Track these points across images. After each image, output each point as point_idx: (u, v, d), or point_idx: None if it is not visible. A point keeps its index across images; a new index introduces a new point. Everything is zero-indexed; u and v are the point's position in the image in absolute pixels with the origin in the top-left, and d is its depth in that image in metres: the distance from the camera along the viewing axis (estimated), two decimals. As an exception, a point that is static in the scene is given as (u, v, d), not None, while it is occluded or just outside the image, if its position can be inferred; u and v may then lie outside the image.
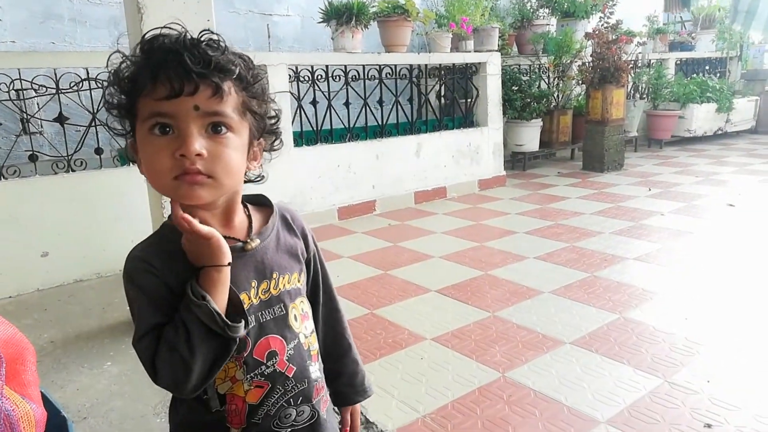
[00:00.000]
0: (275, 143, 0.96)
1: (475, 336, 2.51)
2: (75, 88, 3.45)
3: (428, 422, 1.91)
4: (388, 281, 3.23)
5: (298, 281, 0.98)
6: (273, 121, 0.94)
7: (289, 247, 0.98)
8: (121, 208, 3.46)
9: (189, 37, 0.82)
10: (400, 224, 4.50)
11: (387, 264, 3.52)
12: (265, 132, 0.92)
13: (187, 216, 0.81)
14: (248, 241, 0.91)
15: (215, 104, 0.81)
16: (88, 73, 3.49)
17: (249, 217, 0.95)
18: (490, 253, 3.64)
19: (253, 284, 0.90)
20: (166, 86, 0.79)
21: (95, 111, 3.50)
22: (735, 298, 2.81)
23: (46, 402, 1.43)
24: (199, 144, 0.79)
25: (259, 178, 0.97)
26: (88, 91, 3.49)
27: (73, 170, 3.45)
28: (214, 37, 0.84)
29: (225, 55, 0.83)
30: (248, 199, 0.98)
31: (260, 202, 1.00)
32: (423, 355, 2.37)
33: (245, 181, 0.93)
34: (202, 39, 0.83)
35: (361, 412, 1.88)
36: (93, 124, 3.52)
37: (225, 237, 0.86)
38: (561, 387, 2.08)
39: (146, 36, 0.83)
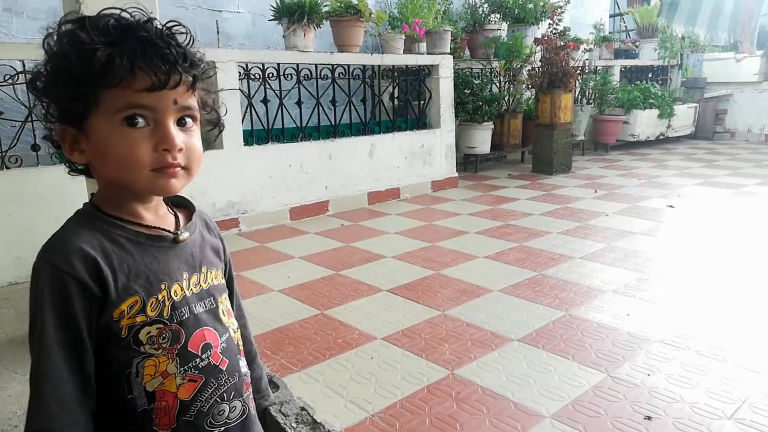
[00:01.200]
0: (218, 134, 0.96)
1: (426, 335, 2.51)
2: (10, 81, 3.28)
3: (377, 421, 1.89)
4: (339, 281, 3.21)
5: (222, 278, 0.99)
6: (221, 113, 0.95)
7: (212, 245, 0.99)
8: (60, 208, 3.26)
9: (158, 26, 0.80)
10: (352, 225, 4.48)
11: (339, 264, 3.50)
12: (210, 123, 0.93)
13: None
14: (179, 233, 0.91)
15: (188, 98, 0.83)
16: (24, 65, 3.33)
17: (174, 213, 0.96)
18: (442, 253, 3.67)
19: (185, 276, 0.89)
20: (149, 78, 0.77)
21: (32, 106, 3.33)
22: (675, 294, 2.92)
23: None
24: (179, 138, 0.82)
25: None
26: (24, 84, 3.32)
27: (7, 167, 3.27)
28: (182, 29, 0.82)
29: (193, 48, 0.82)
30: (169, 200, 0.97)
31: (179, 203, 0.99)
32: (373, 354, 2.36)
33: None
34: (173, 29, 0.81)
35: (308, 413, 1.85)
36: (29, 119, 3.36)
37: (157, 228, 0.89)
38: (508, 383, 2.11)
39: (103, 16, 0.78)
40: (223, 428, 0.91)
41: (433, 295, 2.96)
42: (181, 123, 0.83)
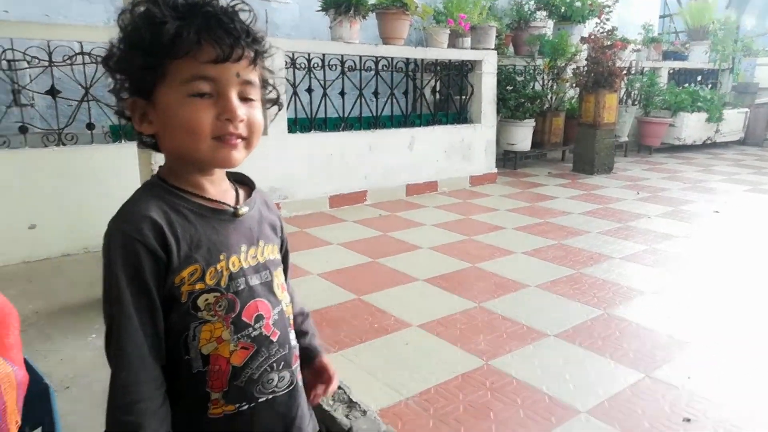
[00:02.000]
0: (276, 113, 0.99)
1: (461, 325, 2.53)
2: (68, 61, 3.42)
3: (411, 405, 1.92)
4: (376, 269, 3.24)
5: (278, 254, 1.02)
6: (279, 93, 0.99)
7: (270, 221, 1.02)
8: (111, 185, 3.43)
9: (223, 3, 0.84)
10: (390, 215, 4.51)
11: (376, 252, 3.53)
12: (270, 102, 0.97)
13: None
14: (238, 207, 0.94)
15: (250, 73, 0.86)
16: (82, 47, 3.45)
17: (235, 189, 0.99)
18: (479, 247, 3.67)
19: (243, 248, 0.93)
20: (214, 50, 0.81)
21: (88, 86, 3.47)
22: (717, 298, 2.86)
23: (29, 369, 1.43)
24: (240, 110, 0.84)
25: None
26: (82, 65, 3.46)
27: (63, 144, 3.41)
28: (245, 7, 0.86)
29: (255, 26, 0.86)
30: (230, 176, 1.01)
31: (241, 180, 1.03)
32: (408, 340, 2.38)
33: None
34: (236, 8, 0.85)
35: (345, 392, 1.90)
36: (86, 98, 3.49)
37: (218, 202, 0.92)
38: (543, 377, 2.10)
39: None
40: (270, 396, 0.94)
41: (469, 287, 2.97)
42: (242, 97, 0.86)
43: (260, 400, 0.93)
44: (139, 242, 0.82)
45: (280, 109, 1.01)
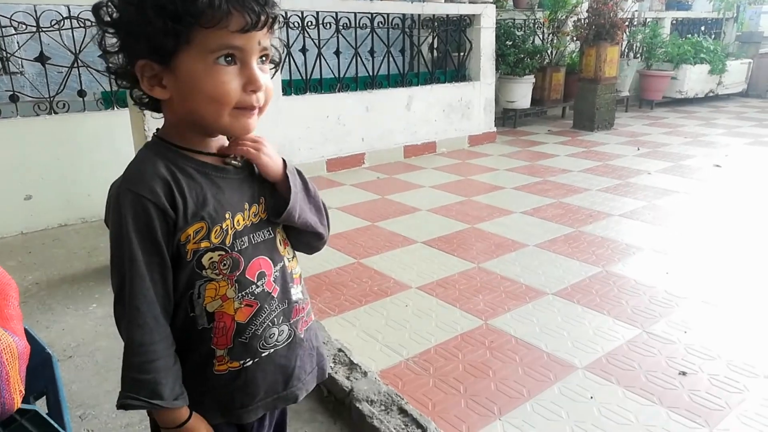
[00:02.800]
0: (273, 75, 0.96)
1: (460, 286, 2.54)
2: (56, 26, 3.34)
3: (411, 365, 1.95)
4: (375, 232, 3.24)
5: None
6: (281, 55, 0.97)
7: None
8: (105, 153, 3.40)
9: None
10: (388, 178, 4.49)
11: (375, 216, 3.52)
12: (272, 62, 0.94)
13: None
14: (236, 159, 0.93)
15: (267, 39, 0.85)
16: (69, 11, 3.36)
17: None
18: (477, 208, 3.65)
19: (245, 206, 0.92)
20: (243, 19, 0.80)
21: (78, 51, 3.40)
22: (716, 254, 2.86)
23: (31, 339, 1.44)
24: (262, 78, 0.85)
25: None
26: (70, 30, 3.38)
27: (55, 112, 3.37)
28: None
29: None
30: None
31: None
32: (408, 302, 2.40)
33: None
34: None
35: (345, 354, 1.92)
36: (75, 65, 3.42)
37: (220, 157, 0.92)
38: (541, 335, 2.12)
39: None
40: (272, 350, 0.96)
41: (468, 248, 2.97)
42: (261, 61, 0.87)
43: (263, 355, 0.94)
44: (150, 201, 0.82)
45: (276, 71, 0.99)
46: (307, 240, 1.04)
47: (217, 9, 0.78)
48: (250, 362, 0.93)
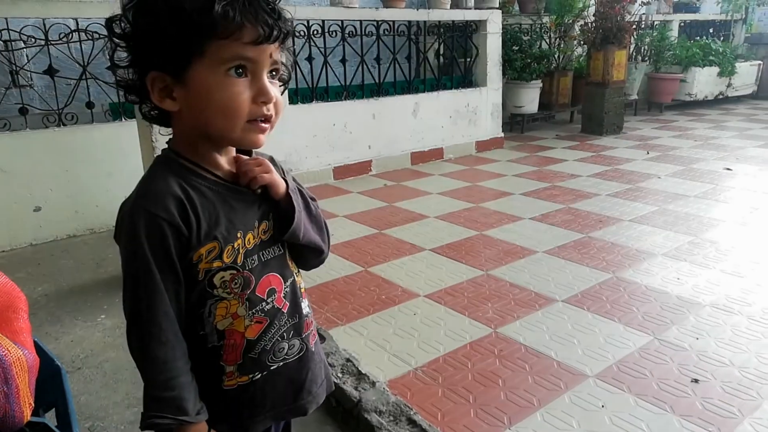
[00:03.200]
0: (283, 92, 0.96)
1: (468, 293, 2.52)
2: (64, 39, 3.37)
3: (420, 375, 1.93)
4: (382, 240, 3.23)
5: None
6: (290, 72, 0.98)
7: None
8: (113, 164, 3.42)
9: None
10: (396, 185, 4.48)
11: (382, 223, 3.52)
12: (281, 81, 0.94)
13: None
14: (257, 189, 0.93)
15: (278, 53, 0.86)
16: (77, 24, 3.40)
17: None
18: (486, 214, 3.64)
19: (255, 224, 0.92)
20: (256, 31, 0.80)
21: (86, 64, 3.43)
22: (728, 259, 2.82)
23: (41, 351, 1.44)
24: (273, 91, 0.85)
25: None
26: (78, 43, 3.41)
27: (64, 124, 3.39)
28: None
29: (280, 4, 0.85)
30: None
31: (244, 151, 0.99)
32: (416, 310, 2.38)
33: None
34: None
35: (353, 364, 1.91)
36: (84, 77, 3.45)
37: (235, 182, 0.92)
38: (551, 343, 2.10)
39: None
40: (281, 363, 0.96)
41: (477, 255, 2.95)
42: (272, 75, 0.87)
43: (272, 368, 0.94)
44: (164, 220, 0.82)
45: (286, 89, 0.98)
46: (307, 256, 1.02)
47: (231, 21, 0.78)
48: (259, 375, 0.93)
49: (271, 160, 1.01)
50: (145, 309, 0.84)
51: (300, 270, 1.03)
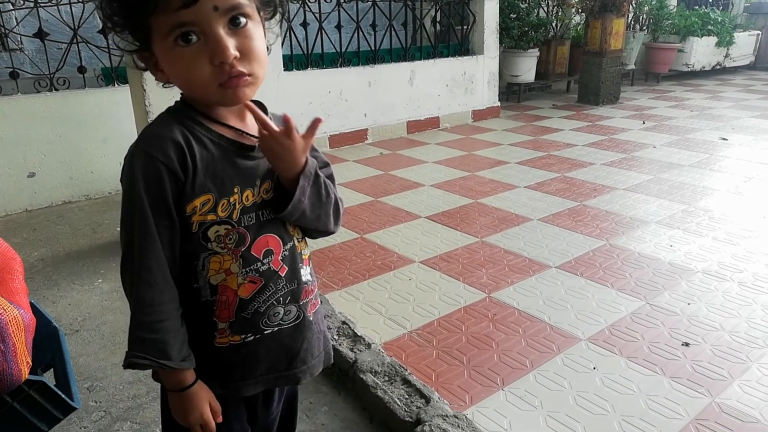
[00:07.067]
0: (275, 15, 0.92)
1: (463, 259, 2.54)
2: (54, 1, 3.30)
3: (414, 337, 1.96)
4: (378, 208, 3.24)
5: None
6: None
7: None
8: (107, 129, 3.39)
9: None
10: (391, 153, 4.47)
11: (378, 191, 3.52)
12: (268, 5, 0.90)
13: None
14: (256, 147, 0.91)
15: None
16: (67, -15, 3.32)
17: None
18: (481, 182, 3.64)
19: (257, 182, 0.91)
20: None
21: (77, 27, 3.37)
22: (721, 226, 2.85)
23: (37, 313, 1.45)
24: (232, 46, 0.79)
25: None
26: (68, 5, 3.34)
27: (56, 89, 3.34)
28: None
29: None
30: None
31: (259, 106, 0.97)
32: (411, 276, 2.40)
33: None
34: None
35: (349, 326, 1.93)
36: (75, 41, 3.39)
37: (246, 134, 0.90)
38: (545, 307, 2.13)
39: None
40: (276, 328, 0.95)
41: (472, 223, 2.96)
42: (235, 24, 0.81)
43: (266, 332, 0.94)
44: (162, 163, 0.82)
45: (276, 13, 0.92)
46: (309, 229, 1.01)
47: None
48: (252, 338, 0.93)
49: (280, 120, 0.96)
50: (137, 250, 0.84)
51: (304, 237, 1.01)
